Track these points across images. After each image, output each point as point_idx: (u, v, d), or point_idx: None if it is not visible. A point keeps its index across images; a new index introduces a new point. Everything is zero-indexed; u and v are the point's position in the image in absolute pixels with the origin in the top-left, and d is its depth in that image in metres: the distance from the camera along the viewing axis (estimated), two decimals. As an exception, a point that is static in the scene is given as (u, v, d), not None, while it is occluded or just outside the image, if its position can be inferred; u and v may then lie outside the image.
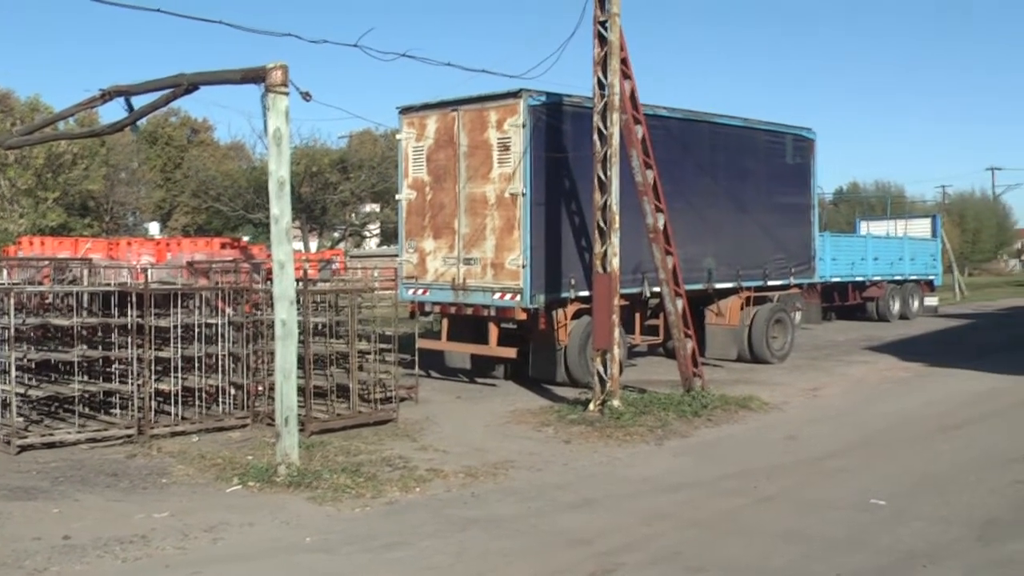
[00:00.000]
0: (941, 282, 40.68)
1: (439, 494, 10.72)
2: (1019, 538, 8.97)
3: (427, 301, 18.87)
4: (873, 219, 46.66)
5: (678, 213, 17.79)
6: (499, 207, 17.42)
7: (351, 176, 45.19)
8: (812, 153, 23.44)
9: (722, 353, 21.71)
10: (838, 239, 35.42)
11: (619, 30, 15.29)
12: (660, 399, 15.87)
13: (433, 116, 18.56)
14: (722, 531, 9.41)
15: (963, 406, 16.55)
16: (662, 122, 18.83)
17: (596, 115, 15.52)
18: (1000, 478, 11.26)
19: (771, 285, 22.34)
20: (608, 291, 15.31)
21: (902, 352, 24.52)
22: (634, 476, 11.61)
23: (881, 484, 11.03)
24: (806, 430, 14.48)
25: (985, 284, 64.56)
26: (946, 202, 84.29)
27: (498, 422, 15.07)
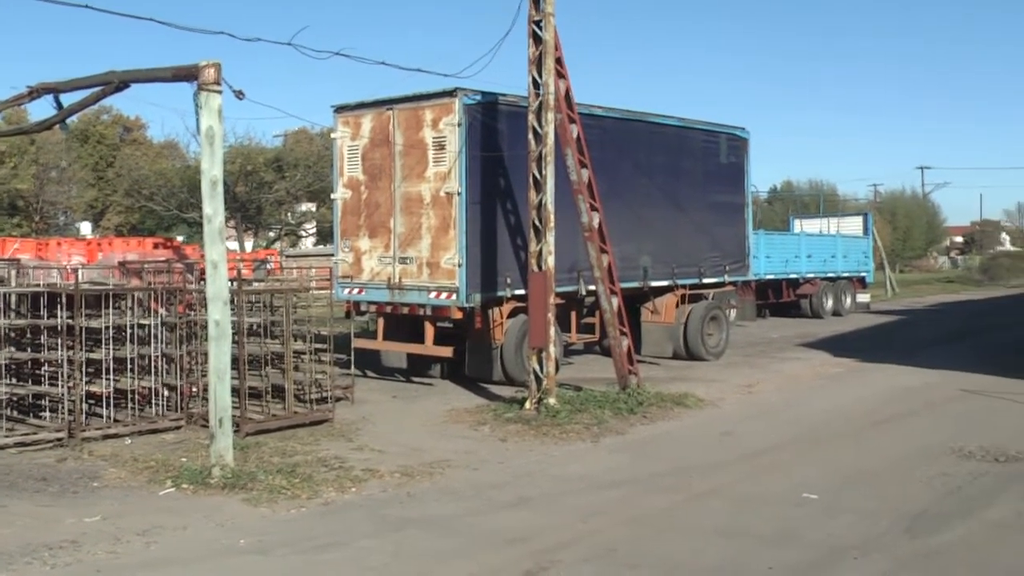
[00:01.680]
0: (873, 279, 41.34)
1: (375, 494, 10.68)
2: (946, 530, 9.13)
3: (363, 300, 18.78)
4: (807, 217, 47.19)
5: (613, 212, 17.87)
6: (435, 206, 17.38)
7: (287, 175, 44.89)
8: (746, 152, 23.66)
9: (658, 351, 21.84)
10: (772, 237, 35.83)
11: (553, 29, 15.32)
12: (596, 397, 15.93)
13: (368, 115, 18.47)
14: (657, 527, 9.47)
15: (894, 401, 16.79)
16: (597, 121, 18.89)
17: (531, 114, 15.54)
18: (929, 471, 11.44)
19: (706, 283, 22.51)
20: (543, 290, 15.34)
21: (835, 348, 24.84)
22: (570, 474, 11.65)
23: (814, 479, 11.17)
24: (741, 426, 14.61)
25: (915, 281, 65.55)
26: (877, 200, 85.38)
27: (435, 421, 15.05)
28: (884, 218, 71.01)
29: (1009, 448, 12.54)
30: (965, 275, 71.98)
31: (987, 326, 31.87)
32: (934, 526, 9.27)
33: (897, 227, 77.66)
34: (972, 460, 11.99)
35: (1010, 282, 63.41)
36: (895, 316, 37.00)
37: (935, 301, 46.50)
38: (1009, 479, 11.08)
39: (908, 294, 51.39)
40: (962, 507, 9.93)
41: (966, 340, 27.25)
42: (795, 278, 35.08)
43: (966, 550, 8.58)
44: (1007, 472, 11.41)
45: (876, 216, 53.07)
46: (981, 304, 44.54)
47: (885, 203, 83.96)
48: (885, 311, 39.05)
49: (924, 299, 48.06)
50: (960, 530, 9.14)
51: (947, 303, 45.16)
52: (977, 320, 34.51)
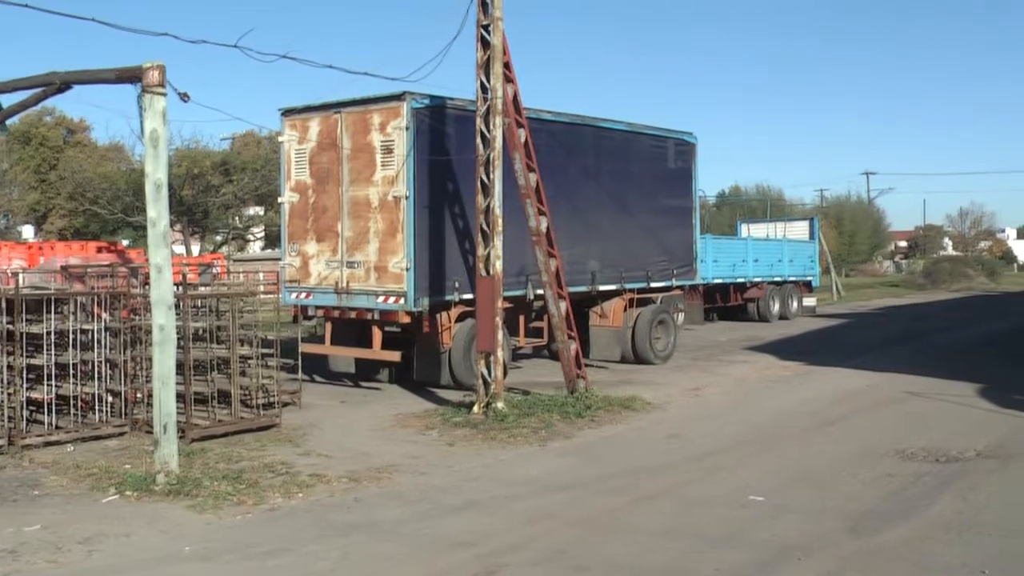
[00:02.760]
0: (819, 283, 41.72)
1: (322, 499, 10.62)
2: (889, 529, 9.23)
3: (310, 305, 18.66)
4: (754, 222, 47.58)
5: (562, 216, 17.93)
6: (382, 210, 17.32)
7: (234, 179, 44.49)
8: (694, 157, 23.79)
9: (606, 354, 21.90)
10: (720, 241, 36.09)
11: (502, 34, 15.33)
12: (544, 401, 15.96)
13: (316, 118, 18.37)
14: (605, 530, 9.50)
15: (839, 403, 16.96)
16: (546, 126, 18.92)
17: (479, 118, 15.54)
18: (873, 471, 11.59)
19: (654, 287, 22.60)
20: (491, 294, 15.34)
21: (782, 351, 25.05)
22: (518, 477, 11.65)
23: (760, 480, 11.26)
24: (688, 429, 14.69)
25: (861, 285, 66.20)
26: (824, 205, 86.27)
27: (382, 426, 15.00)
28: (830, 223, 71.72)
29: (950, 449, 12.72)
30: (909, 279, 72.76)
31: (930, 329, 32.27)
32: (877, 526, 9.37)
33: (843, 232, 78.47)
34: (914, 461, 12.15)
35: (952, 286, 64.24)
36: (841, 319, 37.35)
37: (880, 305, 46.99)
38: (950, 479, 11.23)
39: (854, 298, 51.89)
40: (905, 507, 10.06)
41: (910, 343, 27.58)
42: (742, 282, 35.33)
43: (908, 549, 8.67)
44: (948, 472, 11.57)
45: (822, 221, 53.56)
46: (924, 308, 45.08)
47: (831, 208, 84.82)
48: (831, 315, 39.41)
49: (869, 303, 48.55)
50: (902, 529, 9.25)
51: (891, 307, 45.66)
52: (920, 323, 34.93)
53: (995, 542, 8.89)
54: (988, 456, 12.39)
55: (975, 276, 70.61)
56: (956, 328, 32.78)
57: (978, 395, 17.32)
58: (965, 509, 9.98)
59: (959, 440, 13.32)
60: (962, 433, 13.90)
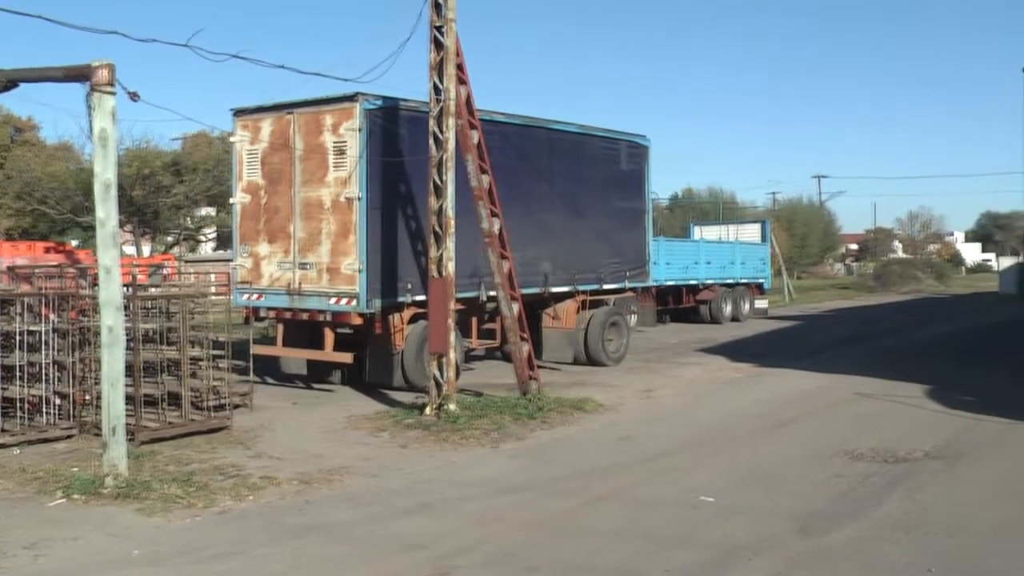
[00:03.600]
0: (771, 285, 42.06)
1: (273, 502, 10.56)
2: (838, 529, 9.32)
3: (262, 306, 18.54)
4: (706, 224, 47.89)
5: (514, 218, 17.94)
6: (335, 211, 17.25)
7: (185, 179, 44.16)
8: (646, 159, 23.88)
9: (558, 356, 21.91)
10: (672, 243, 36.31)
11: (455, 35, 15.32)
12: (496, 402, 15.95)
13: (268, 119, 18.27)
14: (556, 531, 9.51)
15: (790, 404, 17.08)
16: (499, 128, 18.91)
17: (432, 120, 15.51)
18: (822, 472, 11.69)
19: (607, 289, 22.66)
20: (443, 295, 15.32)
21: (733, 353, 25.20)
22: (470, 479, 11.64)
23: (711, 481, 11.32)
24: (640, 430, 14.74)
25: (812, 287, 66.83)
26: (775, 208, 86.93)
27: (334, 428, 14.93)
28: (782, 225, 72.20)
29: (898, 449, 12.86)
30: (859, 281, 73.53)
31: (879, 331, 32.60)
32: (826, 526, 9.45)
33: (794, 234, 79.03)
34: (863, 461, 12.27)
35: (902, 288, 64.97)
36: (792, 321, 37.66)
37: (831, 307, 47.44)
38: (898, 479, 11.34)
39: (805, 300, 52.34)
40: (853, 507, 10.15)
41: (859, 344, 27.85)
42: (695, 284, 35.57)
43: (856, 548, 8.75)
44: (896, 472, 11.69)
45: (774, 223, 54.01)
46: (874, 310, 45.54)
47: (783, 211, 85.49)
48: (782, 316, 39.74)
49: (820, 305, 49.00)
50: (851, 529, 9.33)
51: (842, 309, 46.10)
52: (870, 325, 35.28)
53: (941, 541, 8.99)
54: (935, 456, 12.53)
55: (924, 279, 71.41)
56: (905, 330, 33.15)
57: (926, 396, 17.51)
58: (912, 509, 10.09)
59: (907, 441, 13.46)
60: (910, 434, 14.05)
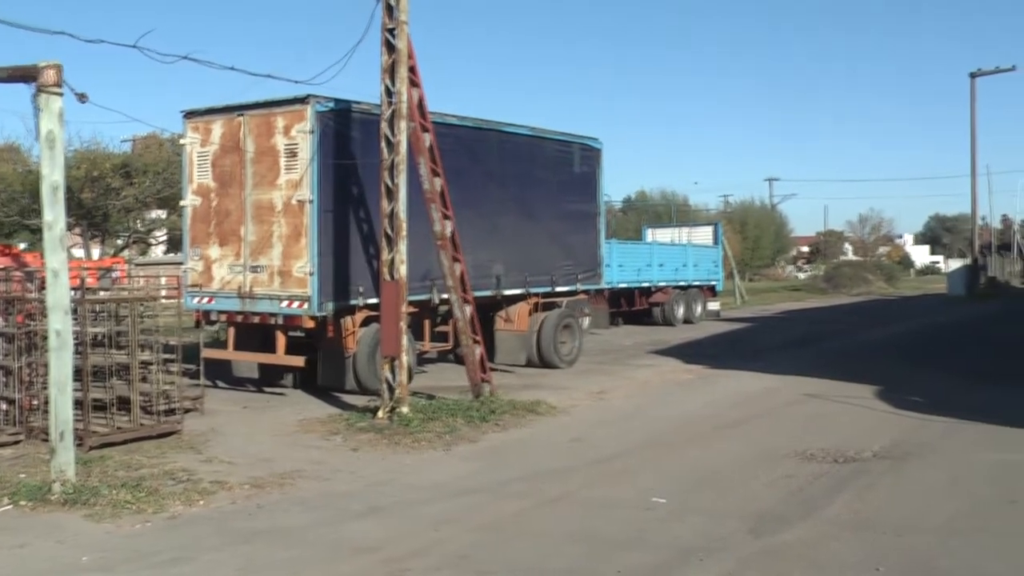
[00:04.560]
0: (723, 287, 42.26)
1: (224, 506, 10.48)
2: (788, 529, 9.40)
3: (213, 310, 18.42)
4: (659, 227, 48.03)
5: (467, 221, 17.93)
6: (286, 214, 17.17)
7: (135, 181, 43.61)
8: (599, 162, 23.95)
9: (511, 359, 21.93)
10: (625, 246, 36.39)
11: (407, 38, 15.30)
12: (449, 405, 15.93)
13: (219, 121, 18.14)
14: (509, 534, 9.52)
15: (741, 405, 17.20)
16: (451, 130, 18.90)
17: (384, 122, 15.48)
18: (772, 473, 11.77)
19: (559, 291, 22.70)
20: (395, 298, 15.30)
21: (686, 355, 25.32)
22: (422, 482, 11.62)
23: (662, 483, 11.38)
24: (592, 432, 14.78)
25: (764, 289, 67.23)
26: (728, 211, 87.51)
27: (286, 432, 14.85)
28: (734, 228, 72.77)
29: (847, 449, 12.98)
30: (811, 283, 74.14)
31: (829, 332, 32.88)
32: (777, 526, 9.53)
33: (746, 237, 79.63)
34: (813, 461, 12.37)
35: (852, 290, 65.58)
36: (744, 323, 37.90)
37: (782, 309, 47.78)
38: (847, 479, 11.47)
39: (757, 302, 52.65)
40: (803, 507, 10.24)
41: (810, 346, 28.08)
42: (647, 286, 35.67)
43: (806, 548, 8.84)
44: (845, 472, 11.81)
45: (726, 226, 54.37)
46: (825, 311, 45.93)
47: (735, 213, 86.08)
48: (735, 318, 39.96)
49: (772, 307, 49.33)
50: (801, 529, 9.42)
51: (793, 311, 46.45)
52: (820, 327, 35.58)
53: (890, 540, 9.09)
54: (884, 456, 12.67)
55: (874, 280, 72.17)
56: (855, 331, 33.47)
57: (875, 397, 17.70)
58: (862, 508, 10.21)
59: (857, 441, 13.59)
60: (859, 434, 14.19)
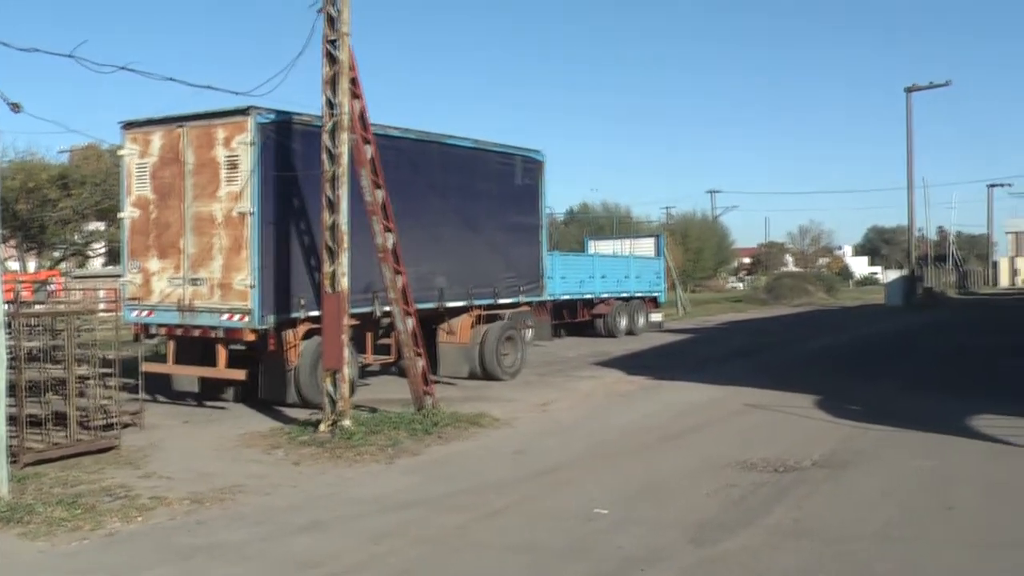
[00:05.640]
0: (665, 299, 42.53)
1: (163, 522, 10.36)
2: (729, 538, 9.47)
3: (152, 323, 18.21)
4: (601, 239, 48.27)
5: (409, 233, 17.91)
6: (227, 226, 17.03)
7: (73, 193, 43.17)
8: (541, 174, 24.00)
9: (454, 371, 21.90)
10: (567, 258, 36.51)
11: (348, 50, 15.26)
12: (392, 418, 15.88)
13: (158, 132, 17.96)
14: (452, 546, 9.50)
15: (683, 416, 17.30)
16: (393, 142, 18.86)
17: (325, 134, 15.42)
18: (714, 482, 11.84)
19: (502, 303, 22.72)
20: (337, 311, 15.23)
21: (628, 366, 25.43)
22: (365, 496, 11.57)
23: (605, 493, 11.40)
24: (535, 444, 14.80)
25: (706, 300, 67.69)
26: (670, 223, 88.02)
27: (227, 446, 14.72)
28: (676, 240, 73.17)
29: (788, 458, 13.10)
30: (752, 295, 74.72)
31: (771, 343, 33.20)
32: (718, 535, 9.59)
33: (689, 248, 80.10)
34: (755, 471, 12.47)
35: (793, 301, 66.23)
36: (686, 334, 38.14)
37: (724, 320, 48.13)
38: (787, 488, 11.57)
39: (699, 313, 53.02)
40: (745, 516, 10.32)
41: (751, 357, 28.33)
42: (590, 298, 35.82)
43: (747, 556, 8.91)
44: (786, 481, 11.91)
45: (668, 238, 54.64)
46: (766, 322, 46.36)
47: (677, 225, 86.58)
48: (677, 330, 40.20)
49: (714, 318, 49.68)
50: (742, 538, 9.49)
51: (735, 321, 46.82)
52: (761, 338, 35.90)
53: (828, 547, 9.20)
54: (823, 465, 12.81)
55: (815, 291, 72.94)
56: (796, 342, 33.82)
57: (815, 406, 17.88)
58: (802, 516, 10.31)
59: (797, 450, 13.73)
60: (799, 443, 14.33)
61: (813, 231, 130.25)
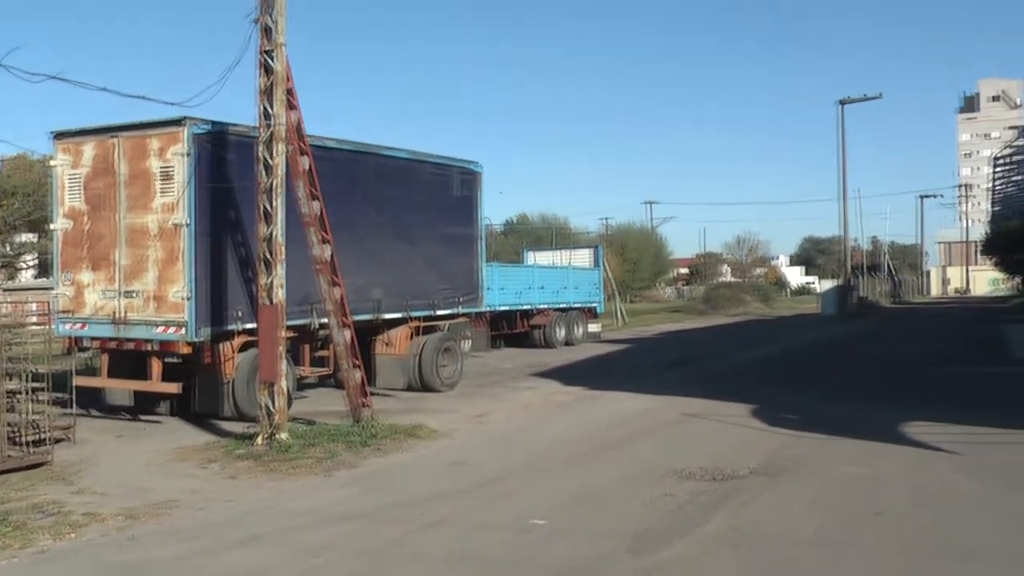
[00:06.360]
0: (603, 309, 42.68)
1: (95, 539, 10.19)
2: (666, 547, 9.50)
3: (85, 336, 17.95)
4: (540, 249, 48.42)
5: (346, 244, 17.84)
6: (161, 238, 16.85)
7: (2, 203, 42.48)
8: (479, 185, 24.04)
9: (392, 383, 21.82)
10: (505, 269, 36.58)
11: (285, 60, 15.20)
12: (329, 430, 15.79)
13: (91, 142, 17.72)
14: (388, 559, 9.46)
15: (620, 426, 17.35)
16: (329, 153, 18.78)
17: (261, 145, 15.33)
18: (652, 492, 11.86)
19: (440, 314, 22.70)
20: (273, 323, 15.12)
21: (566, 377, 25.49)
22: (301, 509, 11.46)
23: (542, 504, 11.40)
24: (473, 455, 14.77)
25: (644, 311, 68.15)
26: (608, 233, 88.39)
27: (162, 460, 14.53)
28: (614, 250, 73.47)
29: (725, 467, 13.18)
30: (689, 305, 75.35)
31: (707, 353, 33.43)
32: (655, 544, 9.62)
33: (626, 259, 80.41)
34: (692, 480, 12.52)
35: (730, 311, 66.88)
36: (624, 345, 38.33)
37: (662, 330, 48.44)
38: (724, 496, 11.63)
39: (637, 323, 53.32)
40: (682, 525, 10.35)
41: (688, 366, 28.51)
42: (528, 309, 35.88)
43: (685, 565, 8.95)
44: (723, 490, 11.98)
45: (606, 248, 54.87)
46: (703, 332, 46.72)
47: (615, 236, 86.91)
48: (615, 340, 40.39)
49: (652, 328, 49.98)
50: (679, 546, 9.52)
51: (672, 332, 47.14)
52: (698, 347, 36.15)
53: (766, 554, 9.29)
54: (759, 473, 12.91)
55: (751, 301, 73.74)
56: (732, 351, 34.11)
57: (751, 415, 18.02)
58: (738, 524, 10.36)
59: (733, 458, 13.82)
60: (736, 452, 14.43)
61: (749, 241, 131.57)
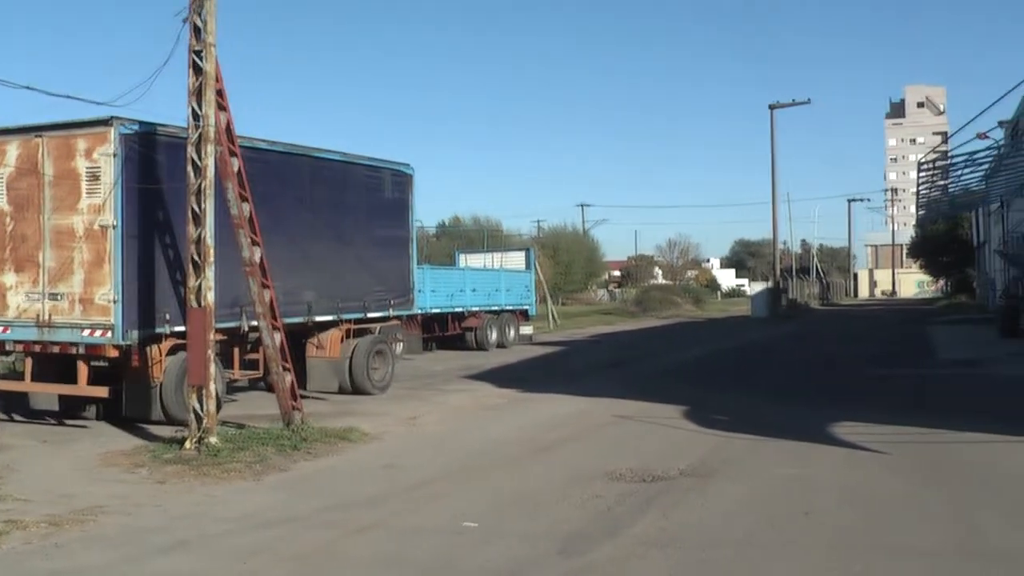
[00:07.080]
0: (536, 312, 42.82)
1: (17, 547, 9.96)
2: (596, 548, 9.54)
3: (8, 340, 17.61)
4: (472, 252, 48.42)
5: (277, 246, 17.72)
6: (88, 240, 16.60)
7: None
8: (411, 188, 23.98)
9: (323, 386, 21.70)
10: (437, 271, 36.54)
11: (215, 60, 15.05)
12: (259, 434, 15.65)
13: (14, 142, 17.40)
14: (319, 563, 9.40)
15: (552, 428, 17.41)
16: (260, 155, 18.64)
17: (191, 146, 15.15)
18: (583, 494, 11.91)
19: (371, 317, 22.60)
20: (203, 326, 14.97)
21: (498, 379, 25.53)
22: (231, 514, 11.35)
23: (474, 507, 11.41)
24: (404, 458, 14.72)
25: (576, 313, 68.36)
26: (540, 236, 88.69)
27: (88, 465, 14.30)
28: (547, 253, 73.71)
29: (655, 468, 13.27)
30: (622, 307, 75.79)
31: (639, 355, 33.69)
32: (586, 546, 9.66)
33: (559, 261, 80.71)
34: (622, 481, 12.59)
35: (662, 313, 67.42)
36: (557, 347, 38.47)
37: (594, 332, 48.66)
38: (654, 497, 11.71)
39: (569, 326, 53.51)
40: (612, 526, 10.41)
41: (620, 368, 28.70)
42: (460, 311, 35.91)
43: (613, 566, 8.99)
44: (652, 491, 12.06)
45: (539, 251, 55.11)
46: (635, 334, 47.04)
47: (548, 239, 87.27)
48: (548, 342, 40.53)
49: (584, 330, 50.20)
50: (609, 548, 9.57)
51: (605, 334, 47.38)
52: (630, 350, 36.41)
53: (694, 554, 9.36)
54: (690, 474, 13.01)
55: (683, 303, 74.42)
56: (664, 353, 34.38)
57: (682, 417, 18.17)
58: (667, 526, 10.43)
59: (664, 460, 13.91)
60: (667, 453, 14.53)
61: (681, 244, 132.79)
